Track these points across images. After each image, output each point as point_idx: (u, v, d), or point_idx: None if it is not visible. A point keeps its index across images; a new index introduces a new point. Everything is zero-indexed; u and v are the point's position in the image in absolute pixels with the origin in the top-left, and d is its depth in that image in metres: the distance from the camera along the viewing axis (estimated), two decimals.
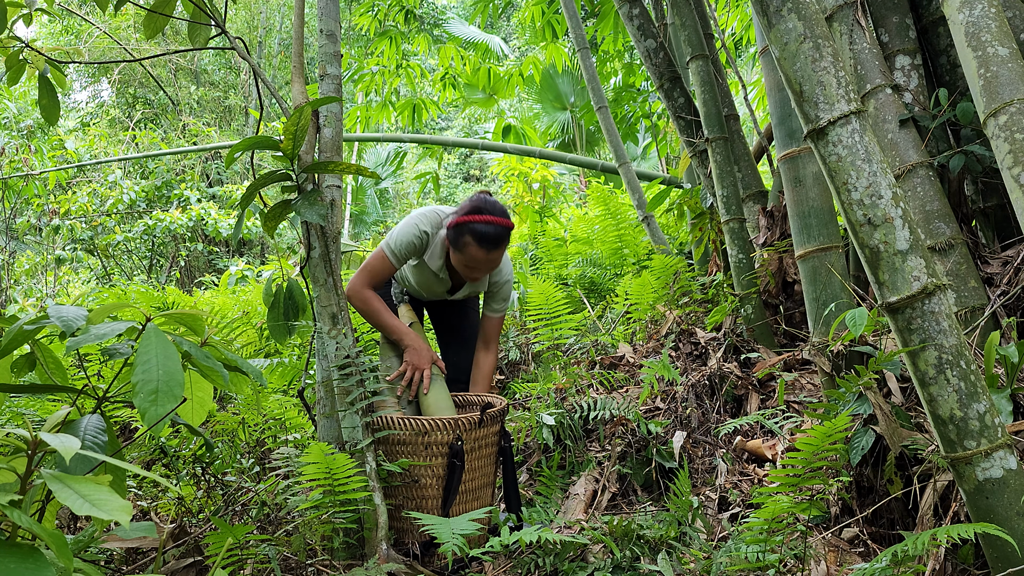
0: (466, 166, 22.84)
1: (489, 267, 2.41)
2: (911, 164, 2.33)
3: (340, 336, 2.24)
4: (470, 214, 2.36)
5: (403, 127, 8.44)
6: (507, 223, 2.38)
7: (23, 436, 1.07)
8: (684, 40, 3.71)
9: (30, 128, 9.10)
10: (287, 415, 2.94)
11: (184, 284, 11.38)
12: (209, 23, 2.42)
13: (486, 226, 2.33)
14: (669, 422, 3.00)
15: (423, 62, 9.48)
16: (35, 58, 2.50)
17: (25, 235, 10.55)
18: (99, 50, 12.84)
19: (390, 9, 7.20)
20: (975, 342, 2.09)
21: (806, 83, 1.71)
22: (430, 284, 2.70)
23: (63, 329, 1.27)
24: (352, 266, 5.93)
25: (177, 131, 13.60)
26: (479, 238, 2.33)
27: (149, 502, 2.59)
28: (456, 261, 2.46)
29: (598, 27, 6.38)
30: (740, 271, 3.53)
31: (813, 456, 1.70)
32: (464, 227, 2.36)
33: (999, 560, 1.56)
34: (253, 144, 2.06)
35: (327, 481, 2.03)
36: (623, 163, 5.24)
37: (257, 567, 2.02)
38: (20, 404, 2.75)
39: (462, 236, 2.37)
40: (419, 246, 2.54)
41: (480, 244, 2.34)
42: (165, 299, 5.69)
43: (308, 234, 2.25)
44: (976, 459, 1.55)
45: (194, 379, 1.65)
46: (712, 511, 2.48)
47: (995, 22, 2.02)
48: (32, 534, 0.99)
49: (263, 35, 16.31)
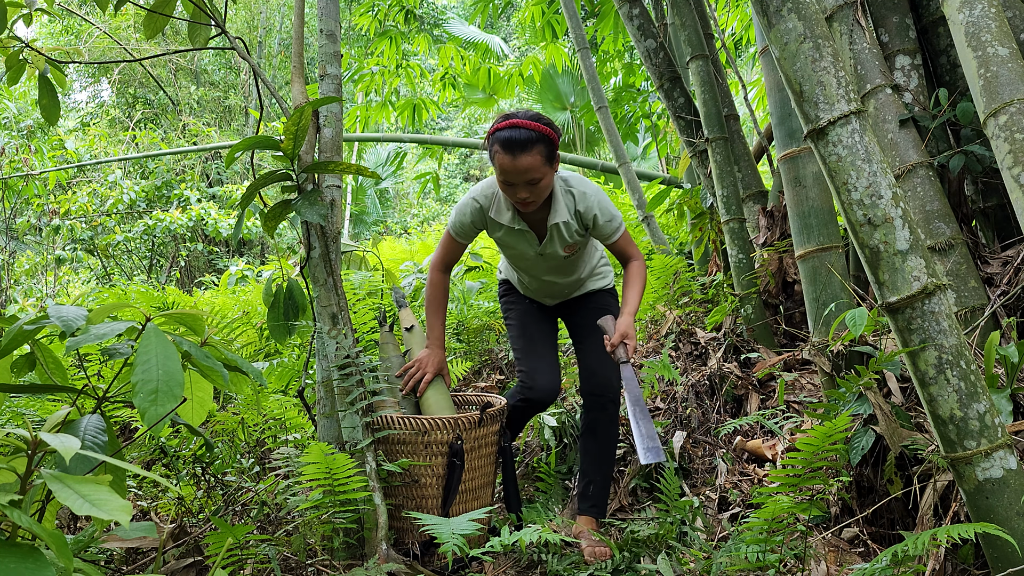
0: (466, 166, 22.84)
1: (520, 176, 2.16)
2: (911, 164, 2.33)
3: (340, 336, 2.24)
4: (497, 123, 2.19)
5: (403, 127, 8.43)
6: (534, 124, 2.15)
7: (23, 436, 1.07)
8: (684, 40, 3.71)
9: (30, 128, 9.10)
10: (287, 415, 2.94)
11: (184, 284, 11.38)
12: (209, 23, 2.42)
13: (510, 130, 2.14)
14: (669, 422, 3.00)
15: (423, 62, 9.48)
16: (35, 58, 2.50)
17: (25, 235, 10.55)
18: (99, 50, 12.84)
19: (390, 9, 7.20)
20: (975, 342, 2.09)
21: (806, 83, 1.71)
22: (520, 250, 2.47)
23: (63, 329, 1.27)
24: (352, 266, 5.92)
25: (177, 131, 13.60)
26: (503, 144, 2.14)
27: (149, 502, 2.59)
28: (500, 186, 2.25)
29: (598, 27, 6.38)
30: (740, 271, 3.53)
31: (813, 456, 1.70)
32: (491, 138, 2.19)
33: (999, 560, 1.56)
34: (253, 144, 2.06)
35: (327, 481, 2.03)
36: (623, 163, 5.24)
37: (257, 567, 2.02)
38: (20, 404, 2.75)
39: (491, 148, 2.19)
40: (474, 213, 2.40)
41: (504, 150, 2.13)
42: (165, 299, 5.69)
43: (308, 234, 2.25)
44: (976, 459, 1.55)
45: (194, 379, 1.65)
46: (712, 511, 2.48)
47: (995, 22, 2.02)
48: (32, 534, 0.99)
49: (263, 35, 16.31)
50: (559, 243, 2.41)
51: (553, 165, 2.22)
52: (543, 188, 2.22)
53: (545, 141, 2.16)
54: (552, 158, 2.20)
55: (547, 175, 2.20)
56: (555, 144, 2.20)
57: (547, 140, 2.16)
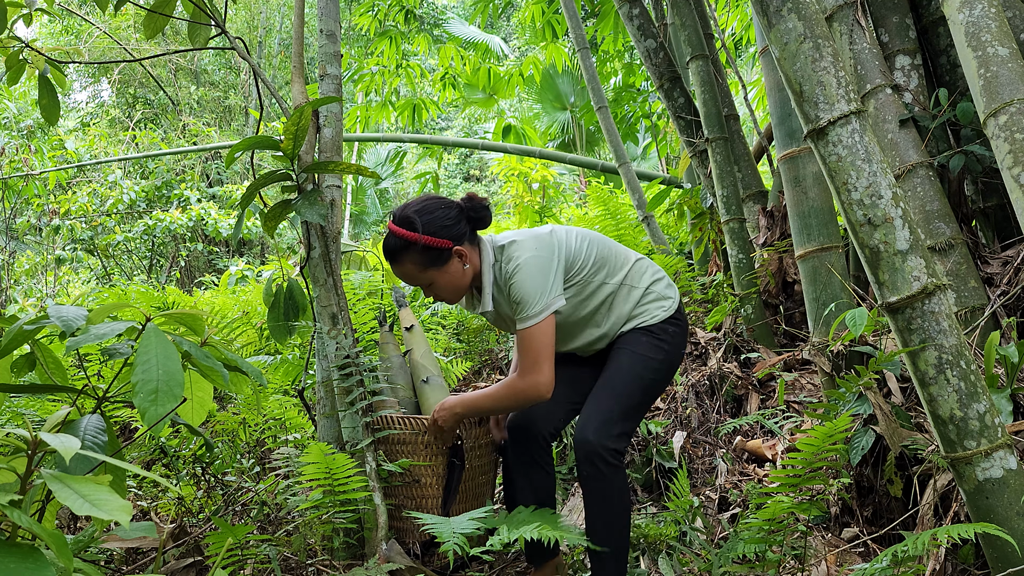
0: (466, 166, 22.84)
1: (408, 282, 1.96)
2: (911, 164, 2.33)
3: (340, 336, 2.24)
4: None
5: (403, 127, 8.44)
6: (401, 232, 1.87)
7: (23, 436, 1.07)
8: (684, 40, 3.71)
9: (30, 128, 9.10)
10: (287, 415, 2.94)
11: (184, 284, 11.38)
12: (209, 23, 2.42)
13: (386, 235, 1.94)
14: (669, 422, 3.00)
15: (423, 62, 9.48)
16: (35, 58, 2.50)
17: (25, 235, 10.55)
18: (99, 50, 12.84)
19: (390, 9, 7.20)
20: (975, 342, 2.09)
21: (806, 83, 1.71)
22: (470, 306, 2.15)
23: (63, 329, 1.27)
24: (352, 266, 5.91)
25: (177, 131, 13.59)
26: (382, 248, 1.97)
27: (149, 502, 2.59)
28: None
29: (598, 27, 6.38)
30: (740, 271, 3.53)
31: (813, 456, 1.70)
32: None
33: (999, 560, 1.56)
34: (253, 144, 2.06)
35: (327, 481, 2.03)
36: (623, 163, 5.24)
37: (257, 567, 2.02)
38: (20, 404, 2.75)
39: None
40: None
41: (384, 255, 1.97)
42: (165, 299, 5.69)
43: (308, 234, 2.25)
44: (976, 459, 1.55)
45: (194, 379, 1.64)
46: (712, 511, 2.49)
47: (995, 22, 2.02)
48: (32, 534, 0.99)
49: (263, 35, 16.30)
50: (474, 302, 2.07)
51: (444, 266, 1.91)
52: (444, 288, 1.94)
53: (417, 248, 1.87)
54: (438, 260, 1.89)
55: (439, 277, 1.92)
56: (435, 247, 1.87)
57: (419, 247, 1.87)
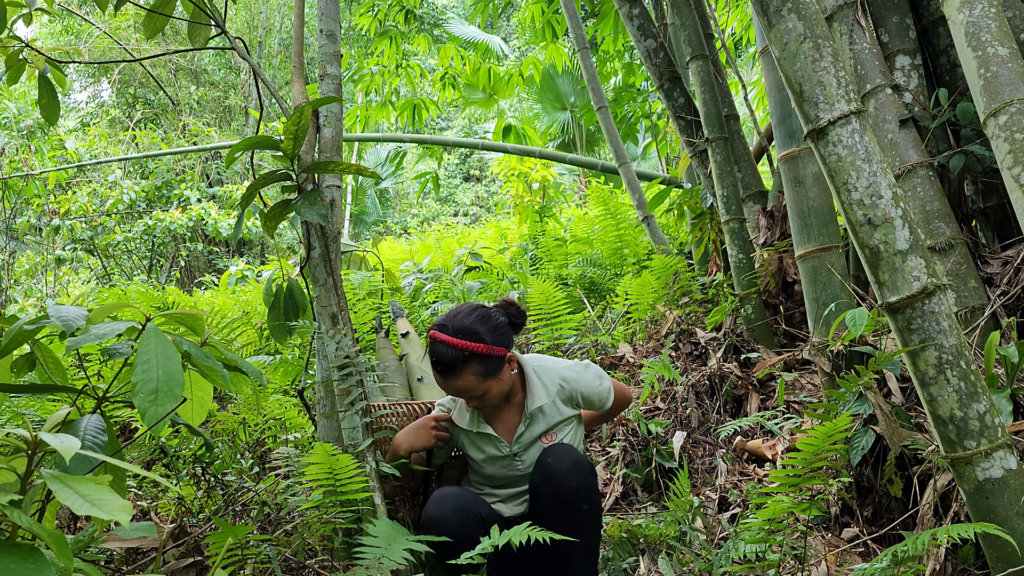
0: (466, 166, 22.84)
1: (460, 395, 1.92)
2: (911, 164, 2.33)
3: (340, 336, 2.24)
4: (432, 327, 1.95)
5: (403, 127, 8.44)
6: (461, 343, 1.85)
7: (23, 436, 1.07)
8: (684, 40, 3.71)
9: (30, 128, 9.10)
10: (287, 415, 2.94)
11: (184, 284, 11.38)
12: (209, 23, 2.42)
13: (436, 346, 1.90)
14: (669, 422, 3.00)
15: (423, 62, 9.48)
16: (35, 58, 2.50)
17: (25, 235, 10.55)
18: (99, 50, 12.84)
19: (390, 9, 7.20)
20: (975, 342, 2.09)
21: (806, 83, 1.71)
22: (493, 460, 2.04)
23: (63, 329, 1.27)
24: (352, 266, 5.91)
25: (177, 131, 13.60)
26: (432, 363, 1.92)
27: (149, 502, 2.59)
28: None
29: (598, 27, 6.38)
30: (740, 271, 3.53)
31: (813, 456, 1.70)
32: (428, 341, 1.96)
33: (999, 560, 1.56)
34: (253, 144, 2.06)
35: (329, 481, 2.03)
36: (623, 163, 5.24)
37: (257, 567, 2.02)
38: (20, 404, 2.75)
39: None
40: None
41: (435, 370, 1.92)
42: (165, 299, 5.69)
43: (308, 234, 2.25)
44: (976, 459, 1.55)
45: (194, 379, 1.64)
46: (712, 511, 2.49)
47: (995, 22, 2.02)
48: (32, 534, 0.99)
49: (263, 35, 16.31)
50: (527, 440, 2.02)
51: (499, 374, 1.92)
52: (495, 396, 1.94)
53: (479, 359, 1.87)
54: (496, 368, 1.90)
55: (494, 386, 1.92)
56: (493, 354, 1.89)
57: (481, 357, 1.87)
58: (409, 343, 2.52)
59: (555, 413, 2.03)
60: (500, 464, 2.04)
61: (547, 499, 1.86)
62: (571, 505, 1.83)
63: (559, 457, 1.87)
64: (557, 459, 1.87)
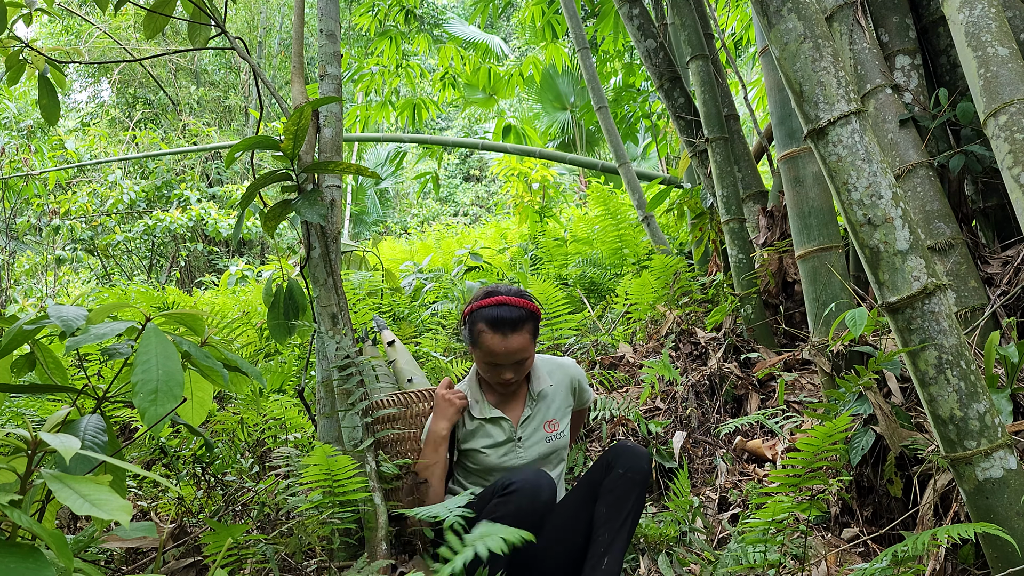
0: (466, 166, 22.84)
1: (511, 357, 2.03)
2: (911, 164, 2.33)
3: (340, 336, 2.24)
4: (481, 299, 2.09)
5: (403, 127, 8.44)
6: (522, 302, 2.06)
7: (23, 436, 1.07)
8: (684, 40, 3.71)
9: (30, 128, 9.10)
10: (287, 415, 2.94)
11: (184, 284, 11.38)
12: (209, 23, 2.42)
13: (497, 308, 2.04)
14: (669, 422, 3.00)
15: (423, 62, 9.48)
16: (35, 58, 2.50)
17: (25, 235, 10.55)
18: (99, 50, 12.84)
19: (390, 9, 7.20)
20: (975, 342, 2.09)
21: (806, 83, 1.71)
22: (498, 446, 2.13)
23: (63, 329, 1.27)
24: (352, 266, 5.92)
25: (177, 131, 13.60)
26: (491, 323, 2.02)
27: (149, 502, 2.59)
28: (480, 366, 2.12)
29: (598, 27, 6.38)
30: (740, 271, 3.53)
31: (813, 456, 1.70)
32: (476, 314, 2.07)
33: (999, 560, 1.56)
34: (253, 144, 2.06)
35: (328, 482, 2.03)
36: (623, 163, 5.24)
37: (256, 567, 2.02)
38: (20, 404, 2.75)
39: (475, 327, 2.06)
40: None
41: (493, 330, 2.02)
42: (165, 299, 5.69)
43: (308, 234, 2.25)
44: (976, 459, 1.55)
45: (194, 379, 1.65)
46: (712, 511, 2.48)
47: (995, 22, 2.02)
48: (32, 534, 0.99)
49: (263, 35, 16.31)
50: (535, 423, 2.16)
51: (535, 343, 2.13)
52: (528, 367, 2.12)
53: (534, 318, 2.09)
54: (536, 334, 2.12)
55: (533, 353, 2.12)
56: (539, 319, 2.13)
57: (535, 317, 2.10)
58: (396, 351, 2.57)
59: (556, 399, 2.21)
60: (504, 450, 2.13)
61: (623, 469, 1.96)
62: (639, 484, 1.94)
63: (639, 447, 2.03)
64: (636, 446, 2.03)
